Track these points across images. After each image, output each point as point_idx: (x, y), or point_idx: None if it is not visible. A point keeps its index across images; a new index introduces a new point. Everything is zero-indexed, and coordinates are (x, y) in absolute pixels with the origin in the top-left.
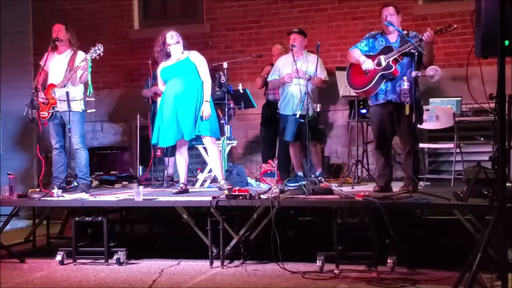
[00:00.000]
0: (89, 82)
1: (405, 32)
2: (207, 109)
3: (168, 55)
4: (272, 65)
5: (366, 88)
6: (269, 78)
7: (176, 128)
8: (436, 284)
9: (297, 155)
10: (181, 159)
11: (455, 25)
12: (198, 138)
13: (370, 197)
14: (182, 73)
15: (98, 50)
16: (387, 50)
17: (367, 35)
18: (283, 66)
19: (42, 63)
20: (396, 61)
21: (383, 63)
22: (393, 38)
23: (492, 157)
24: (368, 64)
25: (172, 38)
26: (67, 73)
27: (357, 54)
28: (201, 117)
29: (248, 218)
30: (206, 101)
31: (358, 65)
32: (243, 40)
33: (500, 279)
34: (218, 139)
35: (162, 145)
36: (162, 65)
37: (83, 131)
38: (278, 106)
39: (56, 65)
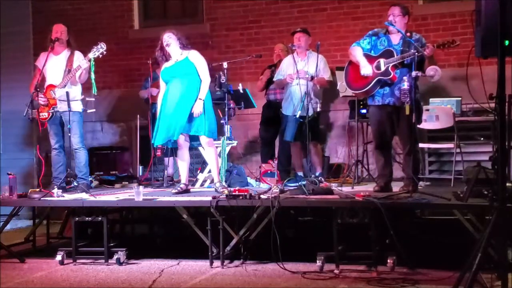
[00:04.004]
0: (93, 81)
1: (408, 33)
2: (198, 106)
3: (169, 57)
4: (270, 66)
5: (363, 90)
6: (275, 78)
7: (169, 128)
8: (436, 284)
9: (298, 155)
10: (182, 160)
11: (458, 42)
12: (198, 139)
13: (370, 197)
14: (182, 74)
15: (100, 48)
16: (388, 54)
17: (370, 32)
18: (287, 66)
19: (38, 64)
20: (395, 67)
21: (383, 68)
22: (395, 39)
23: (492, 157)
24: (366, 70)
25: (170, 38)
26: (65, 74)
27: (358, 54)
28: (195, 115)
29: (248, 218)
30: (200, 99)
31: (357, 65)
32: (243, 40)
33: (500, 279)
34: (215, 139)
35: (156, 143)
36: (163, 66)
37: (83, 131)
38: (282, 106)
39: (53, 66)
